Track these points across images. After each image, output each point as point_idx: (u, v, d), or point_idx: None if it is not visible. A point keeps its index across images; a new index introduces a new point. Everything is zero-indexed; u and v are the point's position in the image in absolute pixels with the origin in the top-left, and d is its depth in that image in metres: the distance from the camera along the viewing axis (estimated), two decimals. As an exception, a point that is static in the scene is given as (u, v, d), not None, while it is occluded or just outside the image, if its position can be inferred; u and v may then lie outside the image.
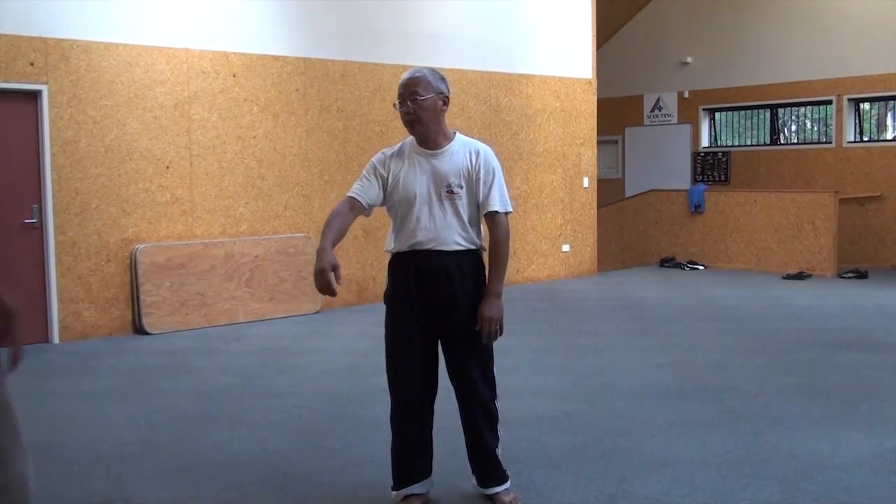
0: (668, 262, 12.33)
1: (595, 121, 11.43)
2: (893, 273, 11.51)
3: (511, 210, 3.54)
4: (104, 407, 5.32)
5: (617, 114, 15.22)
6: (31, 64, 7.18)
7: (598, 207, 11.86)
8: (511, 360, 6.40)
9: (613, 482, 3.88)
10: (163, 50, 7.85)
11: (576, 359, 6.45)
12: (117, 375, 6.15)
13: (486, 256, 3.55)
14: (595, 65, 11.38)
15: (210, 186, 8.15)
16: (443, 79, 3.46)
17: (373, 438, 4.46)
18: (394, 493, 3.59)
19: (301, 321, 8.26)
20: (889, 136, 13.14)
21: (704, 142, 14.75)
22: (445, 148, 3.45)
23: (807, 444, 4.37)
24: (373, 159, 3.52)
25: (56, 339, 7.34)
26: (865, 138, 13.01)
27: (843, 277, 10.84)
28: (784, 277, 10.91)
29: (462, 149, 3.47)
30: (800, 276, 10.87)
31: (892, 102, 12.91)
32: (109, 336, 7.55)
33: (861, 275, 10.88)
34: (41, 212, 7.30)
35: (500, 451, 3.63)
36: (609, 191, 14.50)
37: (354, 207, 3.44)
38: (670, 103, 14.96)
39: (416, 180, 3.42)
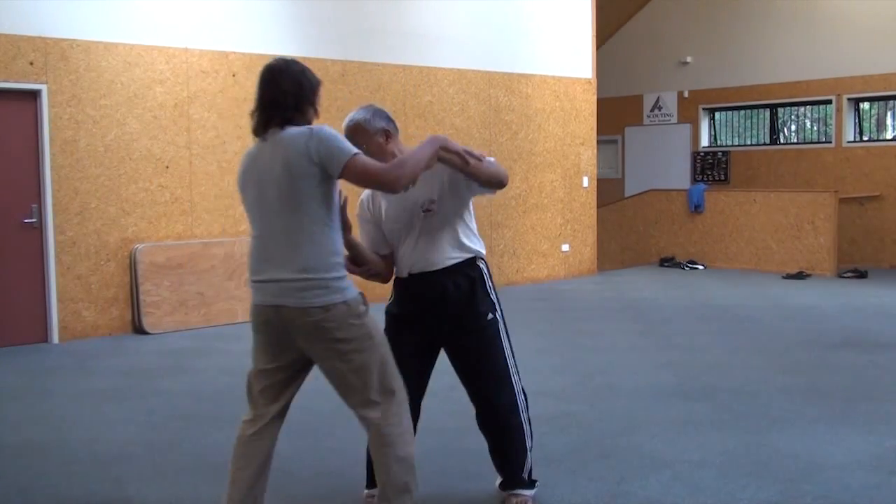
0: (667, 262, 12.33)
1: (595, 120, 11.43)
2: (893, 273, 11.51)
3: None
4: (104, 407, 5.32)
5: (617, 113, 15.21)
6: (31, 63, 7.18)
7: (598, 207, 11.86)
8: (511, 359, 6.40)
9: (613, 482, 3.88)
10: (162, 50, 7.85)
11: (576, 359, 6.45)
12: (117, 375, 6.14)
13: (481, 263, 3.48)
14: (595, 64, 11.38)
15: (209, 186, 8.14)
16: (377, 113, 3.34)
17: (373, 438, 4.45)
18: (366, 491, 3.59)
19: (301, 321, 8.23)
20: (889, 135, 13.13)
21: (704, 141, 14.74)
22: None
23: (807, 444, 4.37)
24: (357, 214, 3.50)
25: (55, 339, 7.34)
26: (865, 138, 13.01)
27: (843, 277, 10.84)
28: (784, 277, 10.91)
29: None
30: (799, 276, 10.87)
31: (891, 102, 12.90)
32: (109, 336, 7.55)
33: (861, 275, 10.88)
34: (41, 211, 7.30)
35: (528, 460, 3.57)
36: (609, 190, 14.49)
37: (385, 259, 3.49)
38: (670, 103, 14.95)
39: (393, 211, 3.40)
